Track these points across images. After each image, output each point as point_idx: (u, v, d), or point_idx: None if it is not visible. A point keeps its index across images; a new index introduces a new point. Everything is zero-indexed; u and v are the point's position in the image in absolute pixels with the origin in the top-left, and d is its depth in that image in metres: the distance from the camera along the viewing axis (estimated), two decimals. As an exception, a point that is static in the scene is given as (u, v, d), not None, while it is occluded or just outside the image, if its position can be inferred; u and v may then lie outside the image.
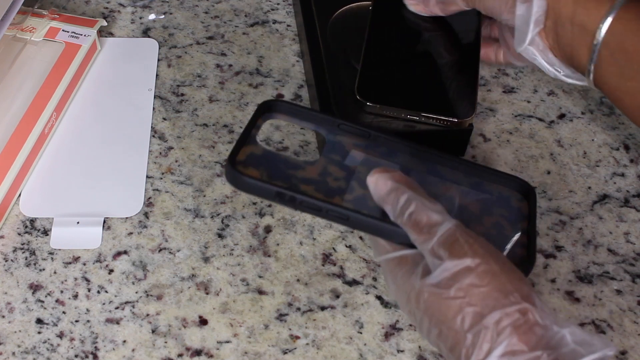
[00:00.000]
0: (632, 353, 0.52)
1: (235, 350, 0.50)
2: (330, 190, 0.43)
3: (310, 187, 0.43)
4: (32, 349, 0.50)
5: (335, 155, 0.45)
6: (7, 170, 0.55)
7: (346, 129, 0.47)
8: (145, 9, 0.70)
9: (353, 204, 0.42)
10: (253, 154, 0.44)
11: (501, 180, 0.46)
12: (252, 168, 0.43)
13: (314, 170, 0.44)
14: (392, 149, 0.46)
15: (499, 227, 0.44)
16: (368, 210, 0.42)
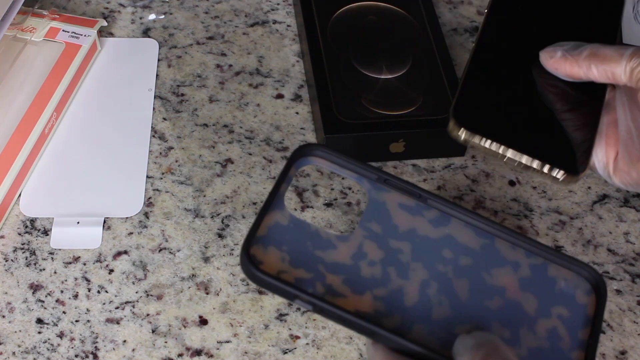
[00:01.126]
0: (632, 353, 0.52)
1: (235, 350, 0.50)
2: (361, 283, 0.36)
3: (338, 279, 0.35)
4: (32, 349, 0.50)
5: (376, 224, 0.37)
6: (7, 170, 0.55)
7: (394, 184, 0.38)
8: (146, 9, 0.70)
9: (385, 307, 0.35)
10: (277, 227, 0.36)
11: (566, 266, 0.38)
12: (273, 250, 0.35)
13: (346, 250, 0.36)
14: (444, 214, 0.38)
15: (554, 337, 0.36)
16: (402, 321, 0.35)
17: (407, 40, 0.64)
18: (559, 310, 0.36)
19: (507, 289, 0.36)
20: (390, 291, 0.36)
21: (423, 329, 0.35)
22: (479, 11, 0.72)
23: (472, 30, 0.70)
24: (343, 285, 0.35)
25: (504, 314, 0.36)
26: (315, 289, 0.35)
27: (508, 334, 0.36)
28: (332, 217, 0.57)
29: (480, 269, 0.37)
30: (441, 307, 0.36)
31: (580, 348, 0.36)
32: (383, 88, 0.60)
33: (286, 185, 0.37)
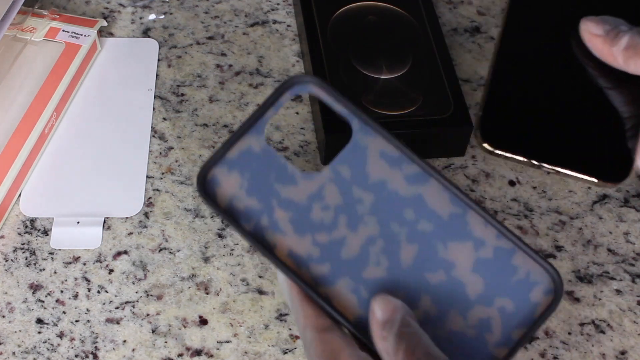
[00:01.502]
0: (632, 353, 0.52)
1: (235, 350, 0.50)
2: (305, 225, 0.35)
3: (285, 216, 0.35)
4: (32, 349, 0.50)
5: (347, 169, 0.36)
6: (7, 170, 0.55)
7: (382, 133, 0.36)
8: (145, 9, 0.70)
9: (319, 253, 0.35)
10: (248, 152, 0.35)
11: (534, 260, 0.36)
12: (235, 175, 0.35)
13: (306, 188, 0.35)
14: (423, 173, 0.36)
15: (484, 327, 0.35)
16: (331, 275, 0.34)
17: (407, 40, 0.64)
18: (504, 302, 0.35)
19: (456, 266, 0.35)
20: (332, 240, 0.35)
21: (347, 285, 0.34)
22: (479, 11, 0.72)
23: (472, 30, 0.71)
24: (287, 223, 0.35)
25: (440, 290, 0.35)
26: (259, 221, 0.35)
27: (434, 310, 0.34)
28: (332, 217, 0.57)
29: (437, 238, 0.35)
30: (377, 267, 0.35)
31: (506, 346, 0.34)
32: (383, 88, 0.60)
33: (273, 112, 0.36)
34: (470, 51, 0.69)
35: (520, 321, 0.35)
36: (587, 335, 0.52)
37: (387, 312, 0.33)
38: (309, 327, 0.34)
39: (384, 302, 0.33)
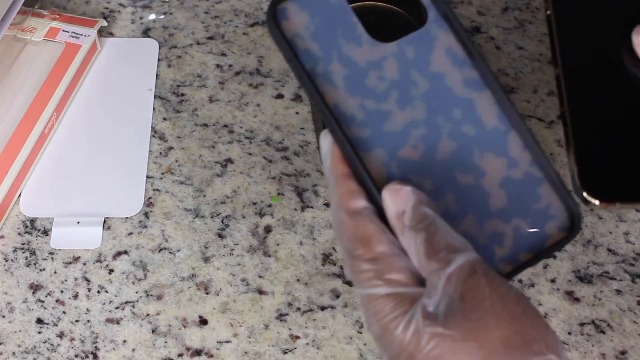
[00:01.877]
0: (632, 353, 0.52)
1: (235, 350, 0.50)
2: (357, 87, 0.35)
3: (341, 71, 0.35)
4: (32, 349, 0.50)
5: (412, 50, 0.35)
6: (7, 170, 0.55)
7: (457, 33, 0.36)
8: (146, 9, 0.70)
9: (363, 117, 0.35)
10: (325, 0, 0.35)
11: (559, 194, 0.35)
12: (305, 15, 0.35)
13: (368, 53, 0.35)
14: (481, 82, 0.36)
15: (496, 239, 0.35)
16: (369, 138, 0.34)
17: (407, 40, 0.64)
18: (520, 223, 0.35)
19: (486, 176, 0.35)
20: (378, 109, 0.35)
21: (380, 156, 0.35)
22: (479, 11, 0.72)
23: (472, 30, 0.70)
24: (341, 79, 0.35)
25: (466, 192, 0.35)
26: (315, 67, 0.35)
27: (455, 209, 0.35)
28: (332, 217, 0.57)
29: (476, 144, 0.35)
30: (413, 150, 0.35)
31: (511, 264, 0.35)
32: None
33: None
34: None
35: (530, 246, 0.35)
36: (587, 335, 0.52)
37: (399, 202, 0.32)
38: (342, 208, 0.33)
39: (394, 192, 0.33)
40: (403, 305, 0.31)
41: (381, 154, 0.35)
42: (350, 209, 0.33)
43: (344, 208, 0.33)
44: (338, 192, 0.34)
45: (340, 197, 0.34)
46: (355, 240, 0.33)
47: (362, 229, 0.33)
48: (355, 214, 0.33)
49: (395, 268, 0.32)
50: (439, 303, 0.31)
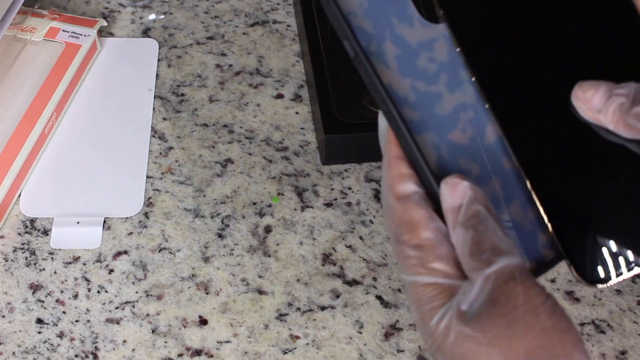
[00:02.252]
0: (632, 353, 0.52)
1: (235, 350, 0.50)
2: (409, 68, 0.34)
3: (394, 50, 0.34)
4: (32, 349, 0.50)
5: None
6: (7, 170, 0.55)
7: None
8: (145, 9, 0.70)
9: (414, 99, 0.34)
10: None
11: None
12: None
13: (420, 34, 0.35)
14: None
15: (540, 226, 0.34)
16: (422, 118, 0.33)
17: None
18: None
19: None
20: (430, 91, 0.34)
21: (431, 140, 0.34)
22: (479, 11, 0.72)
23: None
24: (394, 59, 0.34)
25: (511, 178, 0.34)
26: (368, 45, 0.34)
27: (501, 194, 0.34)
28: (332, 217, 0.57)
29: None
30: (462, 134, 0.34)
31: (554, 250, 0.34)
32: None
33: None
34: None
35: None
36: (587, 335, 0.52)
37: (456, 197, 0.32)
38: (391, 192, 0.33)
39: (452, 186, 0.32)
40: (441, 298, 0.31)
41: (431, 137, 0.34)
42: (399, 193, 0.33)
43: (393, 192, 0.33)
44: (388, 174, 0.33)
45: (390, 180, 0.33)
46: (402, 225, 0.32)
47: (409, 214, 0.32)
48: (404, 198, 0.33)
49: (439, 257, 0.32)
50: (473, 302, 0.30)
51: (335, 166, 0.60)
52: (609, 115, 0.31)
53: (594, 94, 0.32)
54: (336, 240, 0.56)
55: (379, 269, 0.55)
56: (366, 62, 0.34)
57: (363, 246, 0.56)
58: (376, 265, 0.55)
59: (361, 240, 0.56)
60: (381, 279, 0.54)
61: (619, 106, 0.31)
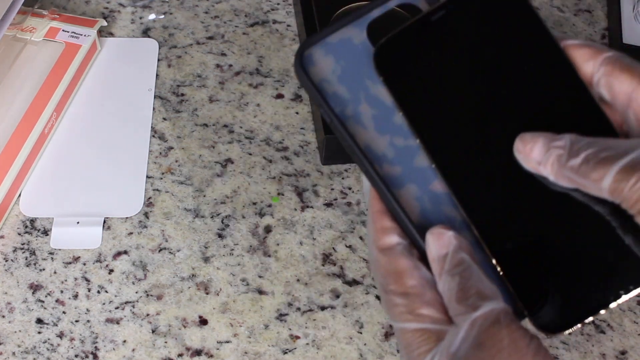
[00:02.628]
0: (632, 353, 0.52)
1: (235, 350, 0.50)
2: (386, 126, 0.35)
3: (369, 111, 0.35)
4: (32, 349, 0.50)
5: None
6: (7, 170, 0.55)
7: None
8: (145, 9, 0.70)
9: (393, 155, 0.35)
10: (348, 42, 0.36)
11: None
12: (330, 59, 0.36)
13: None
14: None
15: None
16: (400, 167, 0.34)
17: (407, 40, 0.64)
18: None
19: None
20: (407, 145, 0.35)
21: (413, 191, 0.35)
22: (479, 11, 0.72)
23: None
24: (370, 119, 0.35)
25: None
26: (344, 110, 0.35)
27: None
28: (332, 217, 0.57)
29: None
30: (443, 182, 0.35)
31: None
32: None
33: (379, 12, 0.38)
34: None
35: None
36: (587, 335, 0.52)
37: (441, 247, 0.33)
38: (375, 245, 0.34)
39: (437, 236, 0.34)
40: (429, 342, 0.32)
41: (413, 189, 0.35)
42: (382, 246, 0.34)
43: (377, 245, 0.34)
44: (372, 228, 0.35)
45: (374, 233, 0.35)
46: (388, 276, 0.34)
47: (394, 265, 0.34)
48: (388, 249, 0.34)
49: (425, 303, 0.33)
50: (460, 346, 0.31)
51: (335, 166, 0.60)
52: (548, 168, 0.32)
53: (533, 147, 0.33)
54: (336, 240, 0.56)
55: (379, 269, 0.55)
56: (341, 127, 0.35)
57: (363, 246, 0.56)
58: (376, 265, 0.55)
59: (361, 240, 0.56)
60: (381, 279, 0.54)
61: (557, 159, 0.32)
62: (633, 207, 0.30)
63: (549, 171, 0.32)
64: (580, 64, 0.35)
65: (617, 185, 0.30)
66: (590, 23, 0.73)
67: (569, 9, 0.74)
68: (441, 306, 0.33)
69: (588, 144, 0.32)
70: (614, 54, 0.34)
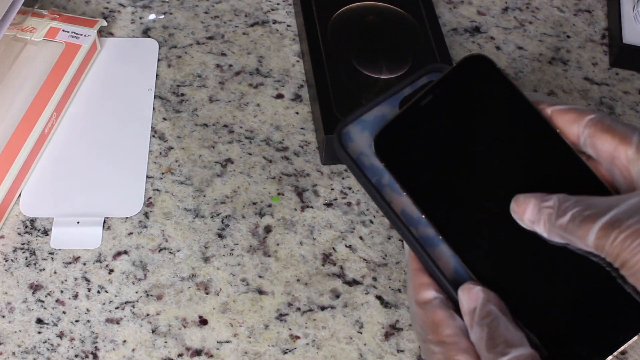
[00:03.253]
0: (632, 353, 0.52)
1: (235, 350, 0.50)
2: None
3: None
4: (32, 349, 0.50)
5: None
6: (7, 170, 0.55)
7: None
8: (145, 9, 0.70)
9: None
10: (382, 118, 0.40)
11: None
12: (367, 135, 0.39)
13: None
14: None
15: None
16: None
17: (407, 40, 0.64)
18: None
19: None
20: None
21: (446, 251, 0.38)
22: (479, 11, 0.72)
23: (472, 30, 0.71)
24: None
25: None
26: (381, 179, 0.39)
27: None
28: (332, 217, 0.57)
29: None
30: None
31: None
32: (383, 88, 0.60)
33: (409, 90, 0.41)
34: (470, 51, 0.69)
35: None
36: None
37: (470, 301, 0.36)
38: (414, 300, 0.38)
39: (467, 291, 0.36)
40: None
41: (446, 248, 0.38)
42: (420, 300, 0.37)
43: (415, 299, 0.38)
44: (412, 285, 0.38)
45: (413, 289, 0.38)
46: (426, 327, 0.37)
47: (431, 317, 0.37)
48: (426, 303, 0.37)
49: (460, 350, 0.36)
50: None
51: (335, 166, 0.60)
52: (541, 226, 0.36)
53: (526, 208, 0.36)
54: (336, 240, 0.56)
55: (379, 269, 0.55)
56: (378, 195, 0.38)
57: (363, 246, 0.56)
58: (376, 265, 0.55)
59: (361, 240, 0.56)
60: (381, 279, 0.54)
61: (548, 218, 0.35)
62: (616, 261, 0.33)
63: (542, 229, 0.36)
64: (567, 127, 0.38)
65: (599, 241, 0.33)
66: (590, 23, 0.73)
67: (569, 9, 0.74)
68: (475, 353, 0.35)
69: (575, 203, 0.35)
70: (596, 116, 0.37)
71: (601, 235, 0.33)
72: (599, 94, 0.67)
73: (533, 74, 0.67)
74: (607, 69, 0.69)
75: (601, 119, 0.37)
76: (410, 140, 0.39)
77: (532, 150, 0.38)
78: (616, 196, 0.34)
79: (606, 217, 0.33)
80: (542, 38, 0.71)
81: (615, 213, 0.33)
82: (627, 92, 0.67)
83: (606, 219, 0.33)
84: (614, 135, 0.36)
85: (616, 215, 0.33)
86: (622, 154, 0.36)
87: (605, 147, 0.37)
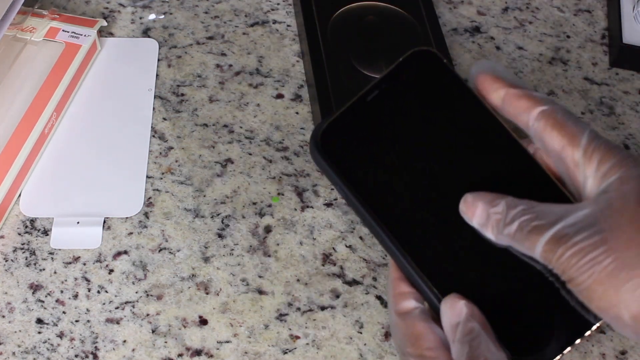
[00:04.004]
0: (632, 353, 0.52)
1: (235, 350, 0.50)
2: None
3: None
4: (32, 349, 0.50)
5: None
6: (7, 170, 0.55)
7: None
8: (145, 9, 0.70)
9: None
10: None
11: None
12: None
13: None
14: None
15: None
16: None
17: (407, 40, 0.64)
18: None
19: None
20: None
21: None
22: (479, 11, 0.72)
23: (472, 30, 0.71)
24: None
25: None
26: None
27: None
28: (332, 217, 0.57)
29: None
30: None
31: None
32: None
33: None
34: (470, 51, 0.69)
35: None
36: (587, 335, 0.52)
37: (453, 317, 0.35)
38: (393, 310, 0.36)
39: (450, 305, 0.35)
40: None
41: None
42: (400, 310, 0.36)
43: (395, 309, 0.36)
44: (391, 294, 0.37)
45: (392, 298, 0.37)
46: (405, 339, 0.35)
47: (410, 329, 0.35)
48: (405, 314, 0.36)
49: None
50: None
51: (335, 166, 0.60)
52: (489, 232, 0.35)
53: (475, 211, 0.35)
54: (336, 240, 0.56)
55: (379, 269, 0.55)
56: (356, 202, 0.36)
57: (363, 246, 0.56)
58: (376, 265, 0.55)
59: (361, 240, 0.56)
60: (381, 279, 0.54)
61: (496, 224, 0.34)
62: (562, 276, 0.32)
63: (490, 234, 0.35)
64: (517, 116, 0.36)
65: (546, 255, 0.32)
66: (590, 23, 0.73)
67: (568, 9, 0.74)
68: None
69: (522, 211, 0.34)
70: (548, 108, 0.35)
71: (548, 249, 0.32)
72: (599, 94, 0.67)
73: (533, 74, 0.67)
74: (607, 69, 0.69)
75: (552, 112, 0.35)
76: (355, 138, 0.37)
77: (480, 147, 0.37)
78: (565, 205, 0.33)
79: (553, 230, 0.32)
80: (542, 38, 0.71)
81: (562, 226, 0.32)
82: (627, 92, 0.67)
83: (553, 232, 0.32)
84: (564, 133, 0.34)
85: (563, 229, 0.32)
86: (569, 157, 0.34)
87: (554, 145, 0.35)
